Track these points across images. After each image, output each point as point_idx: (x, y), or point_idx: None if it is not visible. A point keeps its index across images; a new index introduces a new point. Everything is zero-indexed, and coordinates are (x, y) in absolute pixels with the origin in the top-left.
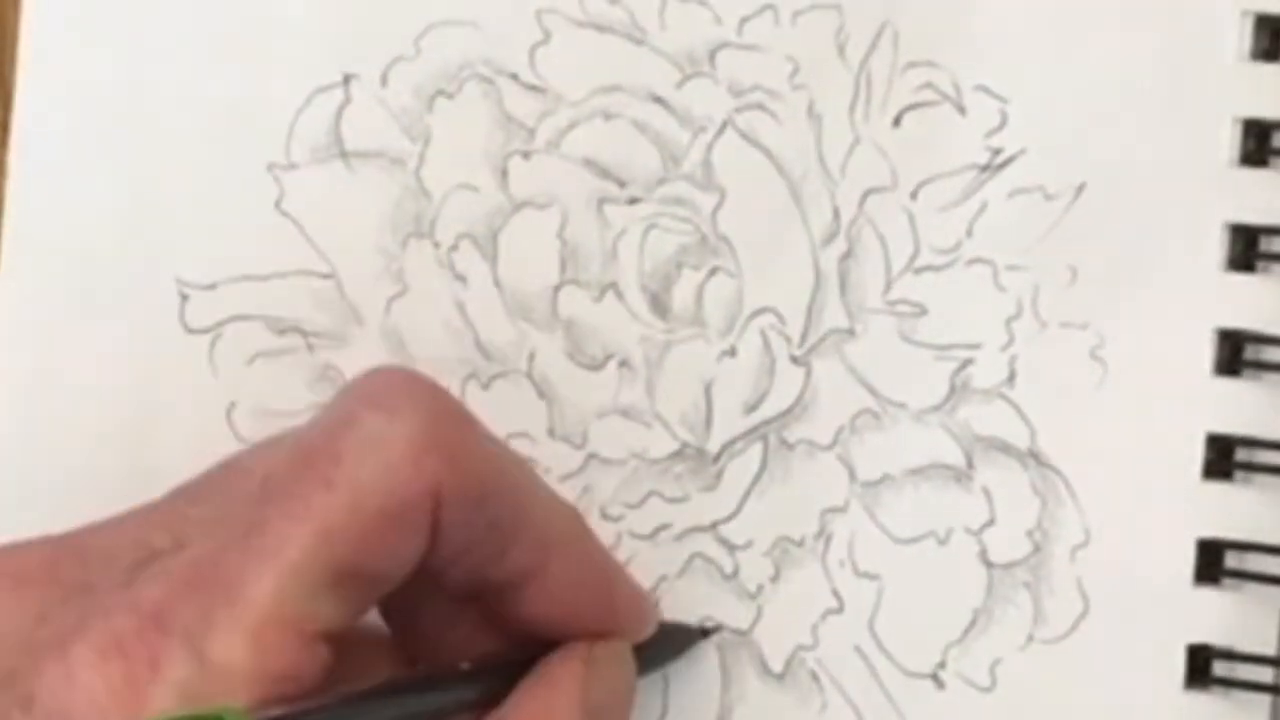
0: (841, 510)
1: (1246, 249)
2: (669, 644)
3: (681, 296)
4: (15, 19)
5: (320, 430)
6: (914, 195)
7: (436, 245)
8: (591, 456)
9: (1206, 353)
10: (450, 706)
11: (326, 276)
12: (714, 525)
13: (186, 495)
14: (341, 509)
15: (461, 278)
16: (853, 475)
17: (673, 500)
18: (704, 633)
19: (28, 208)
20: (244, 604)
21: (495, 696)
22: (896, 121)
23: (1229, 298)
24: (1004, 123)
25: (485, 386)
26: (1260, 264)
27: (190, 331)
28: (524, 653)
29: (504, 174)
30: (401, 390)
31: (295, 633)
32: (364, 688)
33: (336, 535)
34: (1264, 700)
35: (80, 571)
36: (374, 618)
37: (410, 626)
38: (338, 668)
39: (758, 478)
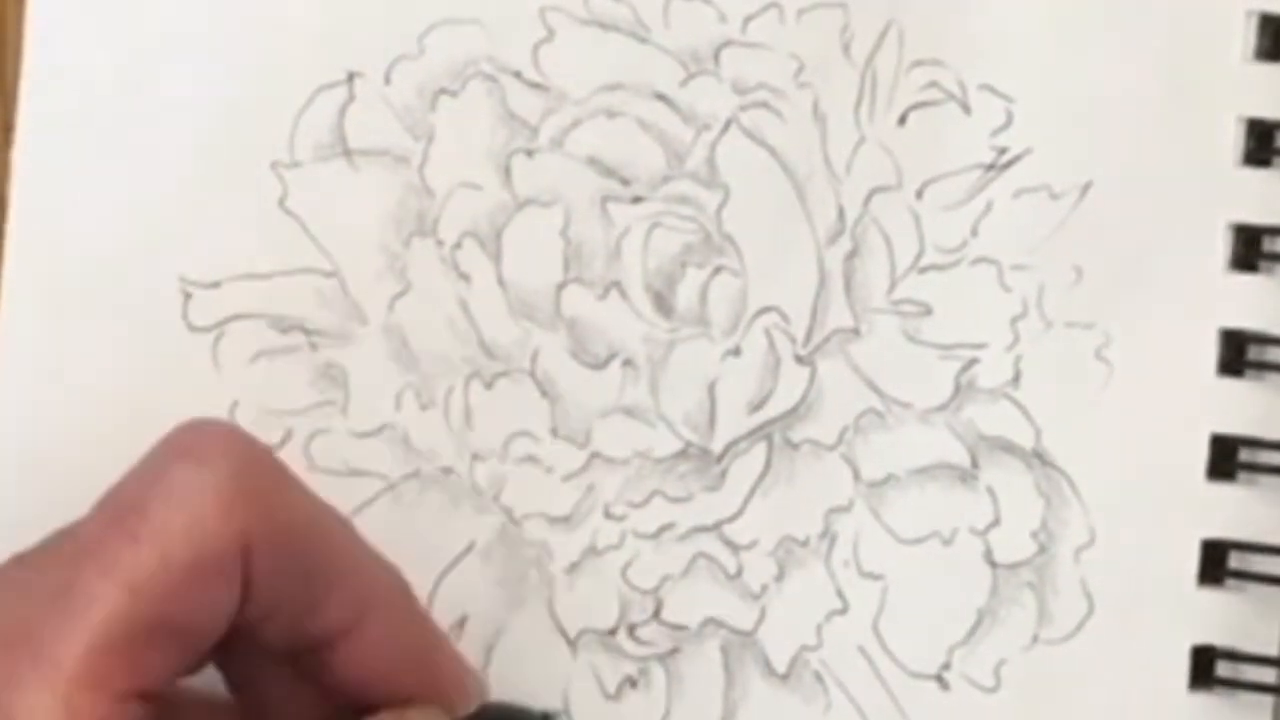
0: (846, 510)
1: (1251, 249)
2: None
3: (685, 295)
4: (17, 18)
5: (129, 483)
6: (919, 194)
7: (440, 244)
8: (595, 456)
9: (1211, 353)
10: None
11: (330, 275)
12: (718, 525)
13: (19, 559)
14: (149, 563)
15: (465, 276)
16: (857, 475)
17: (676, 500)
18: (544, 717)
19: (31, 206)
20: (51, 664)
21: None
22: (902, 120)
23: (1233, 298)
24: (1009, 122)
25: (488, 385)
26: (1264, 264)
27: (193, 330)
28: (349, 715)
29: (507, 172)
30: (211, 440)
31: (106, 692)
32: None
33: (144, 590)
34: (1267, 701)
35: None
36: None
37: (247, 689)
38: None
39: (762, 477)
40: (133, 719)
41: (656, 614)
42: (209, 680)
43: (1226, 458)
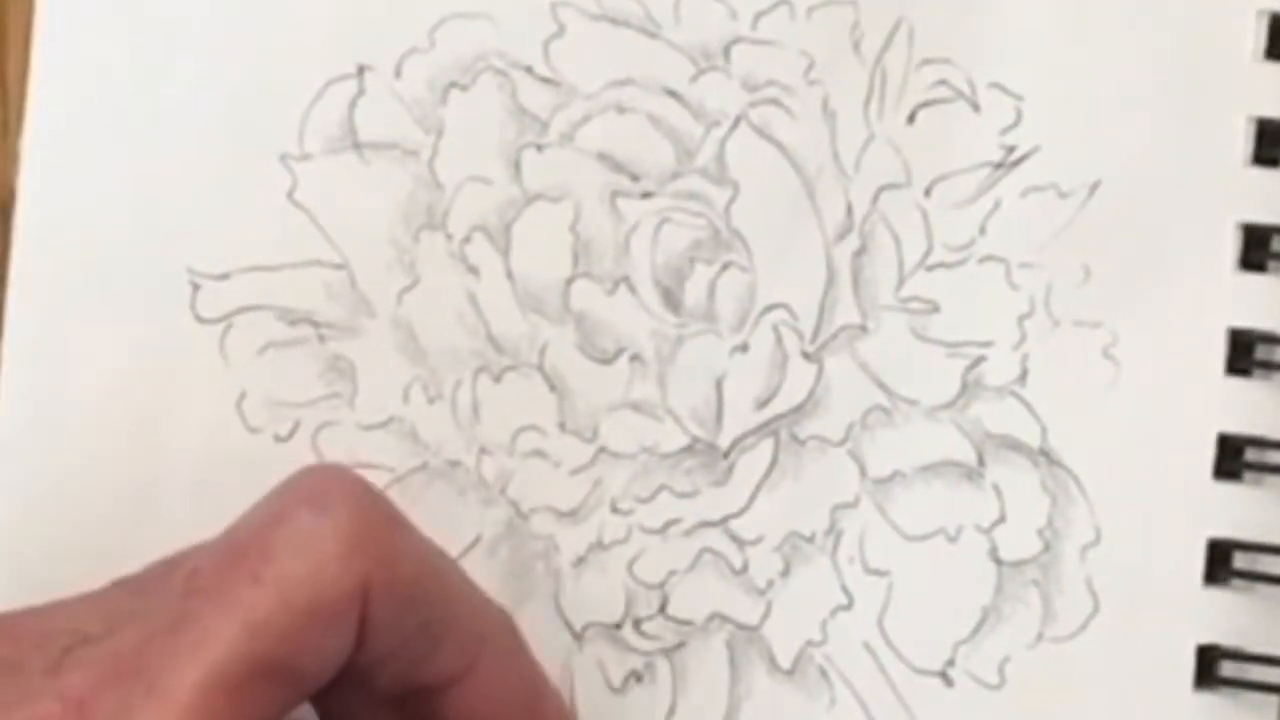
0: (852, 506)
1: (1259, 249)
2: None
3: (694, 291)
4: (18, 17)
5: (251, 526)
6: (928, 192)
7: (449, 237)
8: (602, 450)
9: (1218, 352)
10: None
11: (338, 267)
12: (724, 520)
13: (124, 585)
14: (269, 604)
15: (474, 270)
16: (863, 472)
17: (683, 495)
18: None
19: (40, 197)
20: (165, 696)
21: None
22: (911, 118)
23: (1241, 298)
24: (1018, 120)
25: (496, 379)
26: (1273, 264)
27: (201, 321)
28: None
29: (517, 166)
30: (334, 488)
31: None
32: None
33: (262, 630)
34: (1273, 701)
35: (12, 651)
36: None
37: None
38: None
39: (768, 473)
40: None
41: (662, 608)
42: None
43: (1233, 457)
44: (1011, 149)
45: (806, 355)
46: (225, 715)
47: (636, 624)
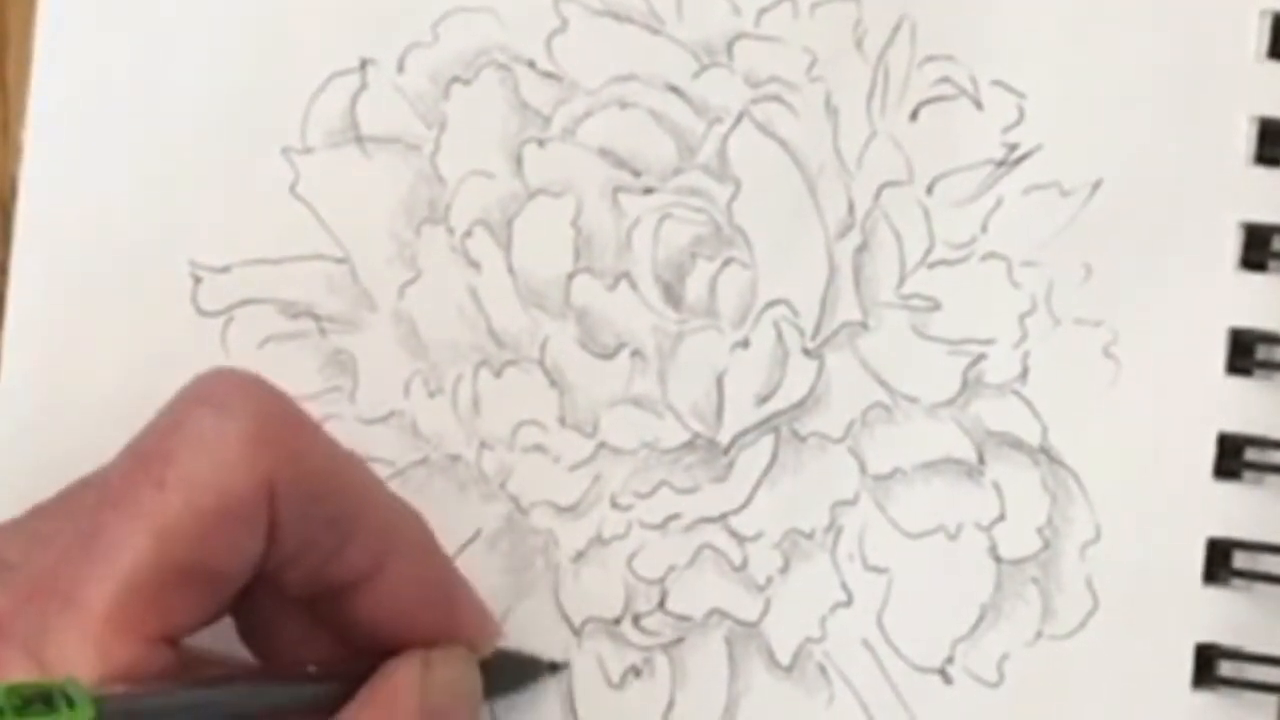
0: (852, 503)
1: (1260, 248)
2: (515, 672)
3: (695, 287)
4: (19, 17)
5: (153, 432)
6: (929, 189)
7: (450, 231)
8: (602, 445)
9: (1219, 352)
10: (290, 705)
11: (340, 261)
12: (724, 516)
13: (41, 511)
14: (176, 508)
15: (475, 264)
16: (863, 468)
17: (683, 491)
18: (552, 667)
19: (42, 190)
20: (81, 609)
21: (336, 700)
22: (913, 115)
23: (1242, 297)
24: (1021, 118)
25: (497, 374)
26: (1274, 264)
27: (203, 314)
28: (368, 658)
29: (519, 161)
30: (234, 389)
31: (136, 635)
32: (205, 678)
33: (172, 535)
34: (1271, 700)
35: None
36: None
37: (261, 635)
38: (187, 675)
39: (768, 469)
40: (162, 661)
41: (661, 604)
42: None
43: (1233, 457)
44: (1014, 147)
45: (807, 352)
46: (145, 622)
47: (636, 619)
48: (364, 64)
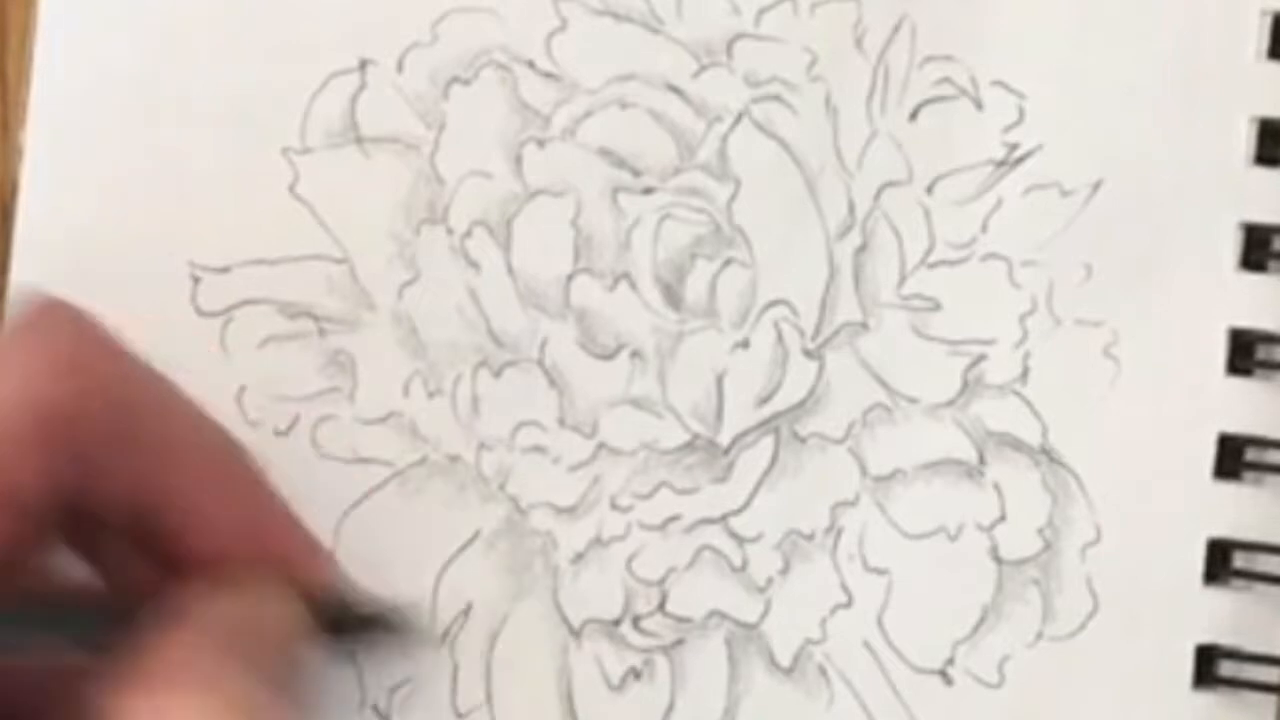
0: (852, 504)
1: (1260, 249)
2: (364, 623)
3: (695, 287)
4: (19, 15)
5: None
6: (930, 190)
7: (450, 232)
8: (602, 446)
9: (1219, 352)
10: (90, 628)
11: (339, 261)
12: (724, 517)
13: None
14: None
15: (474, 265)
16: (864, 469)
17: (683, 492)
18: (396, 620)
19: (41, 191)
20: None
21: (137, 625)
22: (913, 115)
23: (1242, 297)
24: (1021, 118)
25: (496, 374)
26: (1274, 264)
27: (202, 314)
28: (178, 583)
29: (518, 161)
30: (39, 313)
31: None
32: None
33: None
34: (1271, 701)
35: None
36: None
37: (90, 560)
38: None
39: (768, 470)
40: None
41: (661, 606)
42: None
43: (1233, 457)
44: (1014, 147)
45: (807, 352)
46: None
47: (635, 621)
48: (363, 64)
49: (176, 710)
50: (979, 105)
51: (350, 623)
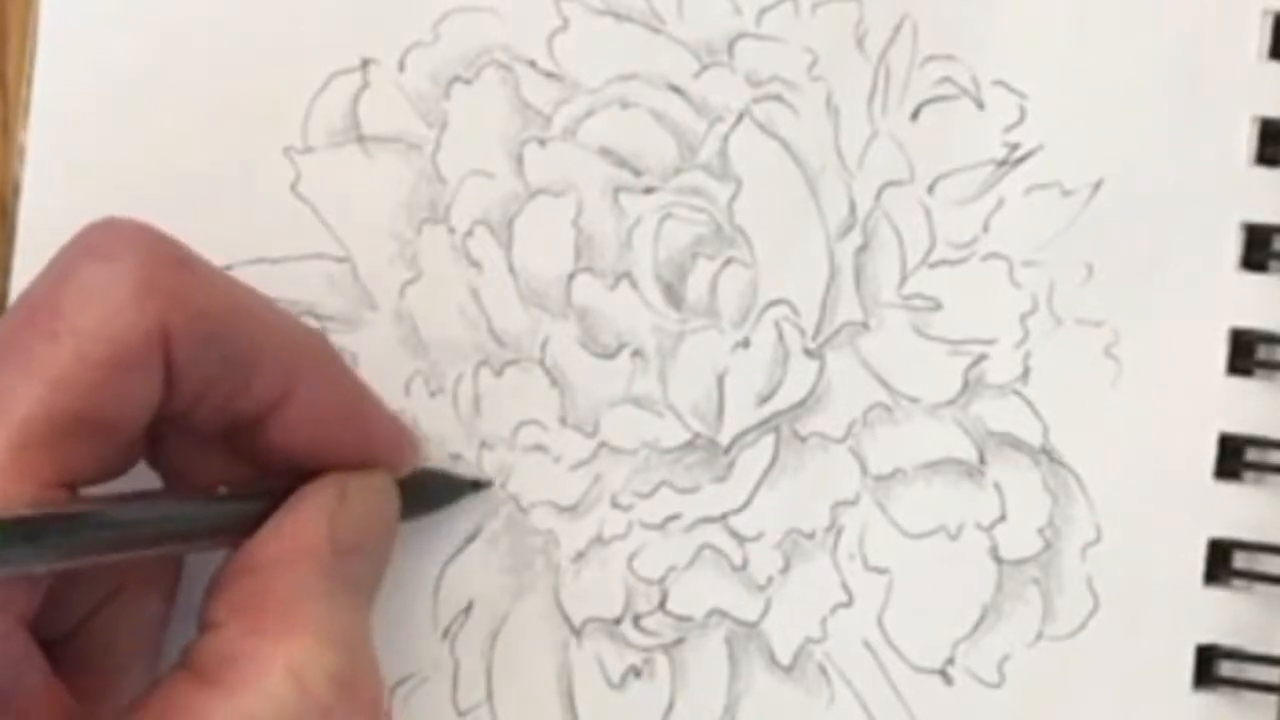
0: (852, 504)
1: (1261, 249)
2: (438, 490)
3: (696, 286)
4: (19, 15)
5: (41, 285)
6: (931, 189)
7: (451, 231)
8: (603, 445)
9: (1220, 352)
10: (199, 526)
11: (341, 260)
12: (724, 516)
13: None
14: (66, 358)
15: (476, 264)
16: (864, 469)
17: (683, 491)
18: (475, 485)
19: (43, 190)
20: None
21: (247, 523)
22: (914, 115)
23: (1243, 297)
24: (1022, 118)
25: (498, 373)
26: (1274, 264)
27: None
28: (281, 483)
29: (520, 161)
30: (119, 237)
31: (34, 484)
32: (111, 497)
33: (64, 385)
34: (1271, 701)
35: None
36: None
37: (177, 474)
38: None
39: (769, 470)
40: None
41: (662, 604)
42: None
43: (1234, 457)
44: (1015, 147)
45: (808, 352)
46: (40, 471)
47: (636, 620)
48: (365, 63)
49: (293, 654)
50: (980, 105)
51: (429, 498)
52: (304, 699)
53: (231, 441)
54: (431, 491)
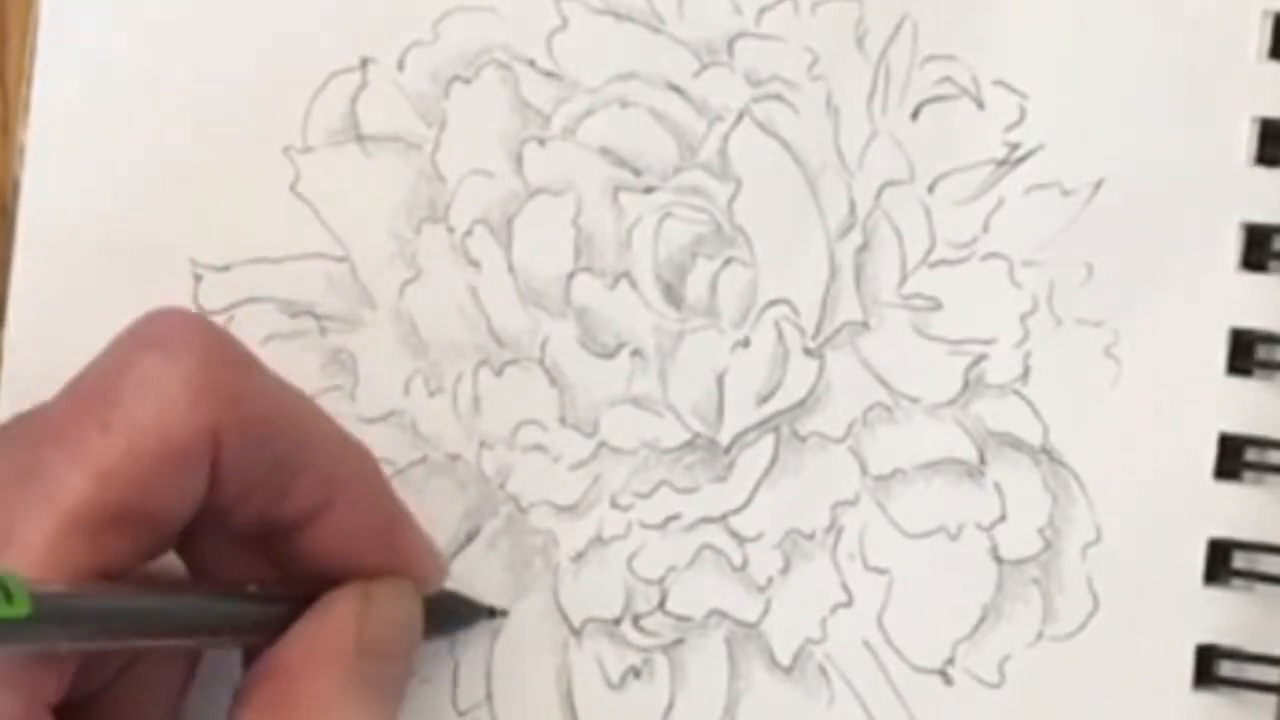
0: (852, 503)
1: (1261, 249)
2: (457, 613)
3: (695, 286)
4: (19, 14)
5: (97, 372)
6: (931, 189)
7: (451, 230)
8: (602, 445)
9: (1220, 352)
10: (229, 622)
11: (340, 260)
12: (724, 516)
13: None
14: (118, 451)
15: (475, 263)
16: (864, 469)
17: (683, 491)
18: (491, 613)
19: (43, 190)
20: (18, 549)
21: (275, 623)
22: (914, 114)
23: (1243, 297)
24: (1022, 118)
25: (498, 373)
26: (1274, 264)
27: (203, 313)
28: (311, 587)
29: (519, 160)
30: (179, 331)
31: (73, 574)
32: (146, 586)
33: (113, 478)
34: (1271, 701)
35: None
36: None
37: (201, 569)
38: None
39: (769, 469)
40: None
41: (661, 604)
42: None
43: (1233, 457)
44: (1015, 146)
45: (808, 351)
46: (82, 562)
47: (635, 620)
48: (364, 63)
49: None
50: (980, 105)
51: (448, 620)
52: None
53: (262, 543)
54: (450, 613)
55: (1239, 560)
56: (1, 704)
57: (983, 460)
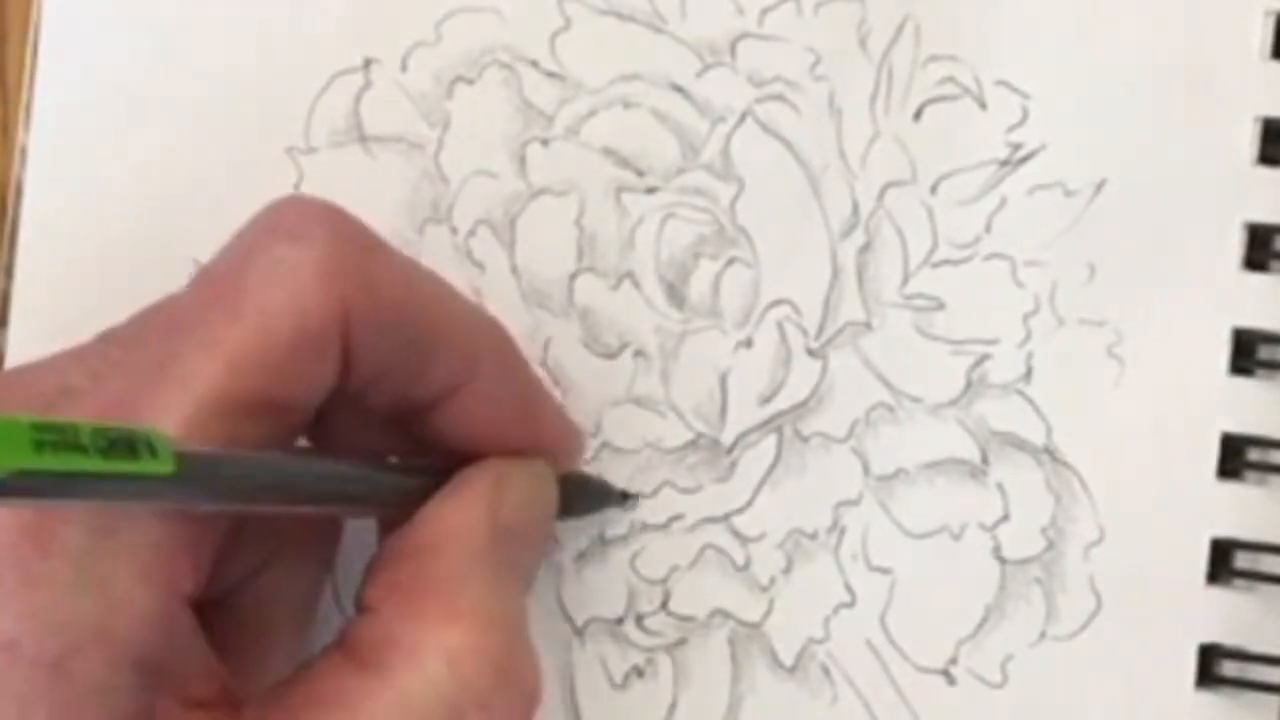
0: (855, 504)
1: (1264, 249)
2: (591, 495)
3: (698, 286)
4: (19, 14)
5: (226, 261)
6: (933, 189)
7: (454, 231)
8: (605, 445)
9: (1222, 352)
10: (368, 492)
11: None
12: (727, 516)
13: (108, 338)
14: (250, 339)
15: (478, 264)
16: (867, 469)
17: (686, 491)
18: (624, 496)
19: (45, 191)
20: None
21: (413, 496)
22: (917, 115)
23: (1246, 297)
24: (1025, 118)
25: None
26: (1277, 264)
27: None
28: (449, 461)
29: (522, 161)
30: (306, 217)
31: None
32: (289, 450)
33: (246, 365)
34: (1274, 701)
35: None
36: None
37: (334, 447)
38: None
39: (771, 470)
40: None
41: (664, 604)
42: None
43: (1236, 457)
44: (1017, 147)
45: (811, 352)
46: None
47: (638, 620)
48: (368, 63)
49: (453, 639)
50: (983, 105)
51: (580, 503)
52: (462, 686)
53: (396, 424)
54: (583, 496)
55: (1241, 560)
56: (138, 597)
57: (985, 460)
